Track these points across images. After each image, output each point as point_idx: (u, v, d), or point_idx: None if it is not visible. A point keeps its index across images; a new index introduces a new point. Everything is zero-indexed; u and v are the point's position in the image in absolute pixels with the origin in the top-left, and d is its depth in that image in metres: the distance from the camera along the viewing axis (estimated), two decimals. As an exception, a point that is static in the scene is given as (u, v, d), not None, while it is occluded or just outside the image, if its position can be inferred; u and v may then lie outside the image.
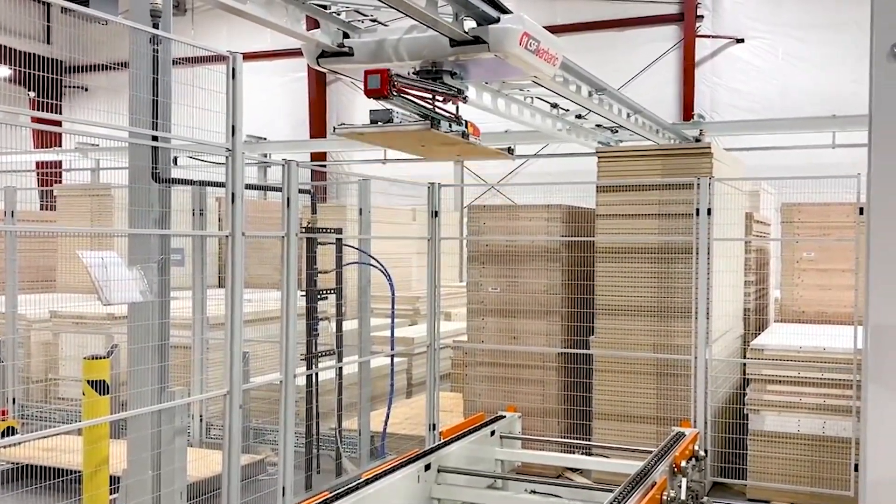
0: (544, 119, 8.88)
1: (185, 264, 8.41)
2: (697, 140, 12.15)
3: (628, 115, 8.74)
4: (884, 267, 2.26)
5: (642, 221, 7.75)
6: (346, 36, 5.80)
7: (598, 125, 9.94)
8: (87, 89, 19.81)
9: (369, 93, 5.08)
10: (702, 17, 15.83)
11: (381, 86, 5.03)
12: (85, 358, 5.96)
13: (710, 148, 7.79)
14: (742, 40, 15.64)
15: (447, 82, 5.59)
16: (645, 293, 7.75)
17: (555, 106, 8.78)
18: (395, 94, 5.08)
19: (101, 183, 15.23)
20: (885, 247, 2.25)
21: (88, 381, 5.76)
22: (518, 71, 5.74)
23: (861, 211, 7.36)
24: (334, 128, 5.64)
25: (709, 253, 7.41)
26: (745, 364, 7.95)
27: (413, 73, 5.63)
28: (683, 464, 6.17)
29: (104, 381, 5.79)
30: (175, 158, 8.75)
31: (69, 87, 20.12)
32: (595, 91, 7.79)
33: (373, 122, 5.38)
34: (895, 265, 2.24)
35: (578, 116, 9.33)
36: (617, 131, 10.30)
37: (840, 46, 14.40)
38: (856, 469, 7.07)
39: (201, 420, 8.49)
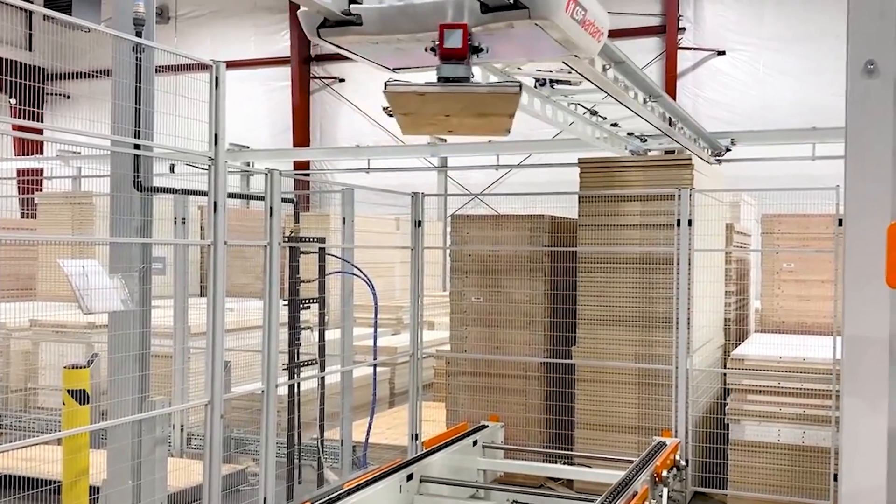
0: (584, 126, 8.82)
1: (166, 273, 8.38)
2: (728, 149, 12.22)
3: (672, 123, 8.62)
4: (859, 279, 2.30)
5: (624, 232, 7.79)
6: (352, 2, 4.98)
7: (629, 133, 9.95)
8: (69, 97, 19.71)
9: (447, 52, 4.36)
10: (683, 29, 15.96)
11: (462, 44, 4.33)
12: (65, 367, 5.93)
13: (690, 159, 7.86)
14: (723, 52, 15.79)
15: (470, 62, 4.75)
16: (627, 303, 7.79)
17: (594, 113, 8.69)
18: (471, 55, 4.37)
19: (83, 191, 15.14)
20: (860, 259, 2.29)
21: (68, 391, 5.73)
22: (556, 48, 4.78)
23: (840, 222, 7.43)
24: (386, 84, 4.81)
25: (690, 263, 7.46)
26: (725, 374, 8.00)
27: (430, 50, 4.87)
28: (664, 473, 6.19)
29: (84, 391, 5.75)
30: (172, 166, 8.69)
31: (51, 94, 20.01)
32: (650, 98, 7.55)
33: (441, 79, 4.56)
34: (870, 277, 2.28)
35: (614, 125, 9.31)
36: (646, 140, 10.31)
37: (820, 59, 14.56)
38: (835, 478, 7.12)
39: (182, 430, 8.44)
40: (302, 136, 19.00)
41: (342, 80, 19.02)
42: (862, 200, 2.28)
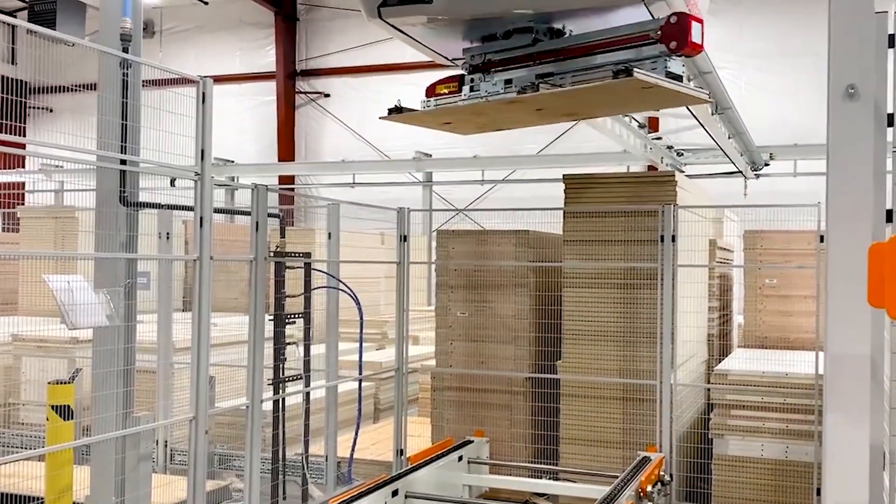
0: (635, 139, 8.82)
1: (150, 288, 8.35)
2: (767, 164, 12.33)
3: (729, 137, 8.56)
4: (841, 298, 2.34)
5: (608, 248, 7.83)
6: None
7: (669, 146, 9.98)
8: (52, 110, 19.64)
9: (693, 47, 4.02)
10: (666, 46, 16.07)
11: (702, 40, 4.02)
12: (49, 382, 5.89)
13: (674, 176, 7.92)
14: (705, 70, 15.92)
15: (549, 72, 4.40)
16: (611, 318, 7.82)
17: (642, 126, 8.67)
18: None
19: (66, 205, 15.07)
20: (842, 278, 2.33)
21: (52, 406, 5.69)
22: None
23: (822, 239, 7.50)
24: (632, 70, 4.24)
25: (673, 279, 7.51)
26: (709, 389, 8.04)
27: (503, 35, 4.60)
28: (649, 488, 6.22)
29: (68, 406, 5.72)
30: (173, 180, 8.66)
31: (34, 108, 19.94)
32: (717, 109, 7.38)
33: (669, 75, 4.26)
34: (852, 296, 2.31)
35: (658, 138, 9.33)
36: (682, 154, 10.32)
37: (801, 76, 14.72)
38: (818, 493, 7.17)
39: (166, 446, 8.39)
40: (287, 150, 19.01)
41: (327, 96, 19.06)
42: (844, 222, 2.32)
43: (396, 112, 5.35)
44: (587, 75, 4.56)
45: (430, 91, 5.25)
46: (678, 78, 4.32)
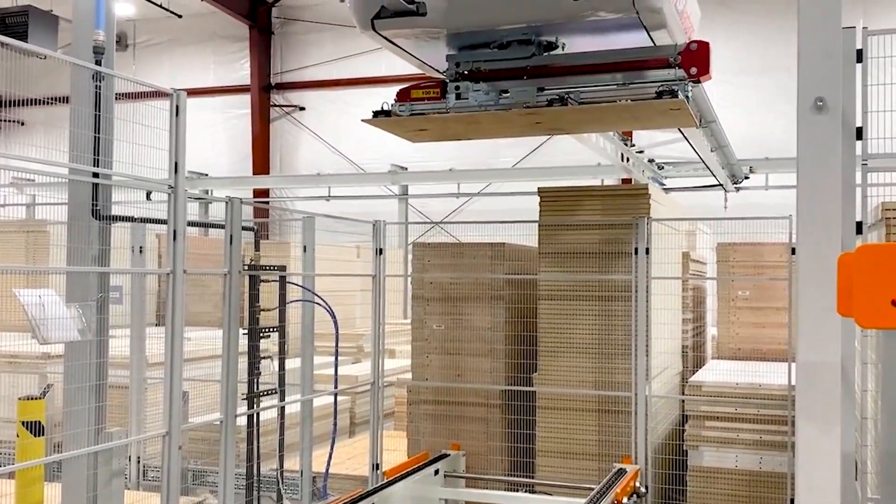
0: (618, 152, 8.86)
1: (123, 302, 8.27)
2: (747, 177, 12.44)
3: (712, 150, 8.65)
4: (811, 307, 2.36)
5: (583, 260, 7.86)
6: None
7: (650, 160, 10.04)
8: (23, 123, 19.44)
9: (709, 75, 4.39)
10: (639, 60, 16.21)
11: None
12: (20, 398, 5.82)
13: (647, 188, 7.97)
14: (678, 85, 16.05)
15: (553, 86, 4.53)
16: (586, 331, 7.84)
17: (624, 141, 8.72)
18: None
19: (37, 219, 14.90)
20: (812, 288, 2.36)
21: (23, 422, 5.62)
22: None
23: (793, 251, 7.57)
24: (671, 89, 4.55)
25: (647, 291, 7.55)
26: (683, 400, 8.08)
27: (496, 48, 4.62)
28: (625, 500, 6.24)
29: (39, 422, 5.64)
30: (148, 193, 8.60)
31: (5, 121, 19.71)
32: (702, 122, 7.48)
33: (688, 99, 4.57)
34: (822, 306, 2.34)
35: (640, 152, 9.38)
36: (663, 167, 10.36)
37: (772, 91, 14.91)
38: (791, 503, 7.22)
39: (139, 462, 8.29)
40: (262, 164, 18.96)
41: (302, 109, 19.04)
42: (813, 232, 2.35)
43: (384, 115, 5.23)
44: (619, 92, 4.72)
45: (404, 96, 5.19)
46: (687, 100, 4.67)
